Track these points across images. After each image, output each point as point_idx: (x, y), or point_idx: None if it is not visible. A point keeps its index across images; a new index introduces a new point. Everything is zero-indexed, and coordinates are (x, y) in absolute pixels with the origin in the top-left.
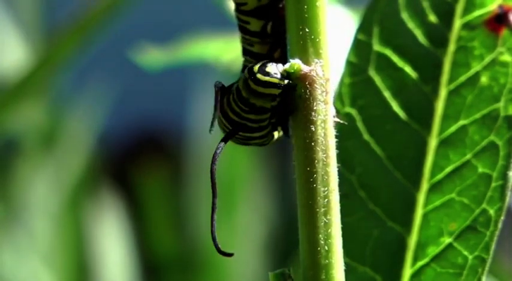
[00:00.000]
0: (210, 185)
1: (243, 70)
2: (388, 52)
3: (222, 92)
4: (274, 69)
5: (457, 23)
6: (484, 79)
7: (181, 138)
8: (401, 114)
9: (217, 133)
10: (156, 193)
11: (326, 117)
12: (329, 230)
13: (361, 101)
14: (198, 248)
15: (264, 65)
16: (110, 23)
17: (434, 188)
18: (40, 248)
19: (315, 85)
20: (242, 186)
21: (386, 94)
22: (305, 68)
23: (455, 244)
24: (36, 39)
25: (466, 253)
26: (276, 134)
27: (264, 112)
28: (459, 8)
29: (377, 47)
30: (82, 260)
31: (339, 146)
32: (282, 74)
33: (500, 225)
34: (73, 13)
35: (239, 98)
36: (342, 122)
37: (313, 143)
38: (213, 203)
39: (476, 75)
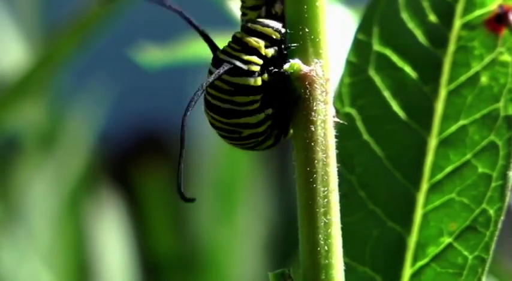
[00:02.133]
0: (210, 186)
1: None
2: (388, 52)
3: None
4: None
5: (457, 23)
6: (484, 79)
7: None
8: (401, 114)
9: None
10: (156, 193)
11: (326, 117)
12: (329, 230)
13: (361, 101)
14: (198, 248)
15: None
16: (109, 22)
17: (434, 188)
18: (40, 248)
19: (315, 85)
20: (242, 186)
21: (386, 94)
22: (305, 68)
23: (455, 244)
24: (35, 39)
25: (466, 253)
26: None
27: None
28: (459, 7)
29: (377, 47)
30: (82, 260)
31: (339, 146)
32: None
33: (500, 225)
34: (72, 12)
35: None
36: (341, 122)
37: (313, 143)
38: (181, 154)
39: (476, 75)
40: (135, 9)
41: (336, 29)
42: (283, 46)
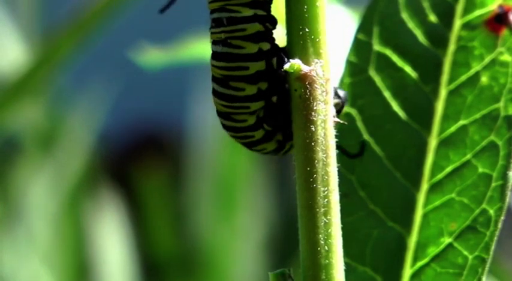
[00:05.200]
0: (209, 185)
1: None
2: (388, 52)
3: None
4: None
5: (457, 22)
6: (484, 79)
7: (181, 138)
8: (401, 114)
9: (217, 133)
10: (156, 193)
11: (326, 117)
12: (329, 230)
13: (361, 101)
14: (198, 248)
15: None
16: (109, 22)
17: (434, 188)
18: (40, 248)
19: (315, 85)
20: (242, 186)
21: (386, 94)
22: (305, 68)
23: (455, 244)
24: (35, 39)
25: (466, 253)
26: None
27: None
28: (459, 7)
29: (377, 46)
30: (82, 260)
31: (339, 146)
32: None
33: (500, 225)
34: (72, 12)
35: None
36: (342, 122)
37: (313, 143)
38: None
39: (476, 75)
40: (135, 9)
41: (336, 29)
42: None
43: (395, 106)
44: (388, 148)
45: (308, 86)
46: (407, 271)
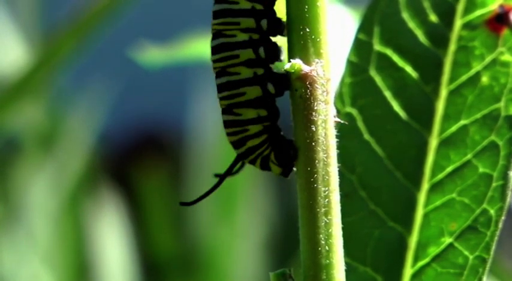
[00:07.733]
0: (209, 185)
1: None
2: (389, 52)
3: None
4: None
5: (458, 22)
6: (484, 79)
7: (181, 138)
8: (402, 114)
9: (217, 133)
10: (156, 193)
11: (327, 117)
12: (330, 230)
13: (362, 101)
14: (198, 248)
15: None
16: (109, 22)
17: (435, 188)
18: (40, 248)
19: (316, 85)
20: (242, 186)
21: (387, 94)
22: (306, 68)
23: (456, 244)
24: (35, 39)
25: (466, 253)
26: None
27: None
28: (460, 7)
29: (377, 46)
30: (82, 260)
31: (340, 146)
32: None
33: (500, 225)
34: (72, 12)
35: None
36: (342, 122)
37: (313, 143)
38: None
39: (477, 75)
40: (135, 8)
41: (336, 29)
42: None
43: (395, 106)
44: (389, 147)
45: (309, 86)
46: (408, 271)
